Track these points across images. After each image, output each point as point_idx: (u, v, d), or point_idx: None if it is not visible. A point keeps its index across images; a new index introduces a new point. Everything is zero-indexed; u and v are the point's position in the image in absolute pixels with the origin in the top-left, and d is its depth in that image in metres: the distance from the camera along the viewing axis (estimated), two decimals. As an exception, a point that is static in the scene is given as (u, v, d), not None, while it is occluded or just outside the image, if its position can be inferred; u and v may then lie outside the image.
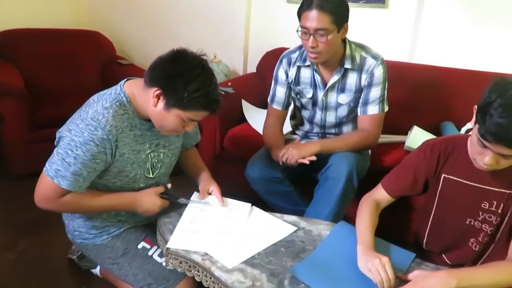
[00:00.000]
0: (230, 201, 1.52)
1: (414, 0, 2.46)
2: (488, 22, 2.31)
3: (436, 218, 1.35)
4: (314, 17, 1.57)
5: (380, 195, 1.36)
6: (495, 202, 1.21)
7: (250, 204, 1.50)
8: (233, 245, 1.28)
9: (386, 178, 1.38)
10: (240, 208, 1.48)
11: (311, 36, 1.60)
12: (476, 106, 1.08)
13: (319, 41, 1.61)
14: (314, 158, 1.70)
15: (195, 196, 1.53)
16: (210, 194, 1.53)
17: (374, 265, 1.11)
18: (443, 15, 2.42)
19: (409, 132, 2.13)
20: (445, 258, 1.37)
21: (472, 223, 1.27)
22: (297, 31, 1.67)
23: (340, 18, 1.62)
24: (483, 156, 1.07)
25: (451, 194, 1.29)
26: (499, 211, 1.21)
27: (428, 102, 2.30)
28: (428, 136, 2.04)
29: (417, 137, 2.05)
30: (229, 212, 1.46)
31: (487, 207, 1.23)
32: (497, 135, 0.99)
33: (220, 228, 1.37)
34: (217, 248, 1.26)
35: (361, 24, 1.71)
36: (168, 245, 1.29)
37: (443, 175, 1.28)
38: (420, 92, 2.33)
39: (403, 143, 2.12)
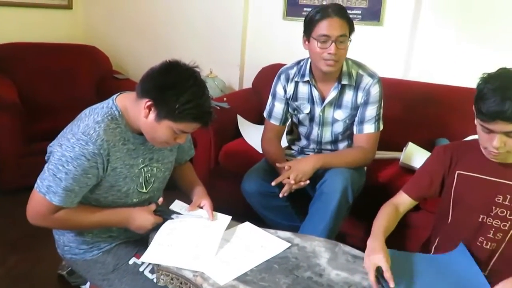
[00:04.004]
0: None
1: (409, 17, 2.49)
2: (481, 40, 2.34)
3: (453, 218, 1.36)
4: (336, 24, 1.61)
5: (400, 199, 1.43)
6: (508, 196, 1.23)
7: (230, 217, 1.46)
8: (209, 258, 1.25)
9: (406, 184, 1.46)
10: (220, 218, 1.45)
11: (333, 43, 1.62)
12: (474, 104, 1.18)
13: (340, 48, 1.64)
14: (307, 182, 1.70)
15: (176, 204, 1.50)
16: (201, 208, 1.49)
17: (367, 264, 1.19)
18: (438, 32, 2.45)
19: (404, 148, 2.13)
20: None
21: (484, 220, 1.27)
22: (305, 42, 1.69)
23: (352, 26, 1.67)
24: (491, 141, 1.15)
25: (465, 190, 1.31)
26: None
27: (422, 119, 2.31)
28: (423, 152, 2.04)
29: (412, 153, 2.05)
30: (207, 222, 1.43)
31: (500, 201, 1.24)
32: (493, 112, 1.10)
33: (196, 240, 1.34)
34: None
35: (356, 41, 1.73)
36: (142, 259, 1.27)
37: (457, 171, 1.33)
38: (414, 109, 2.34)
39: (399, 159, 2.11)
